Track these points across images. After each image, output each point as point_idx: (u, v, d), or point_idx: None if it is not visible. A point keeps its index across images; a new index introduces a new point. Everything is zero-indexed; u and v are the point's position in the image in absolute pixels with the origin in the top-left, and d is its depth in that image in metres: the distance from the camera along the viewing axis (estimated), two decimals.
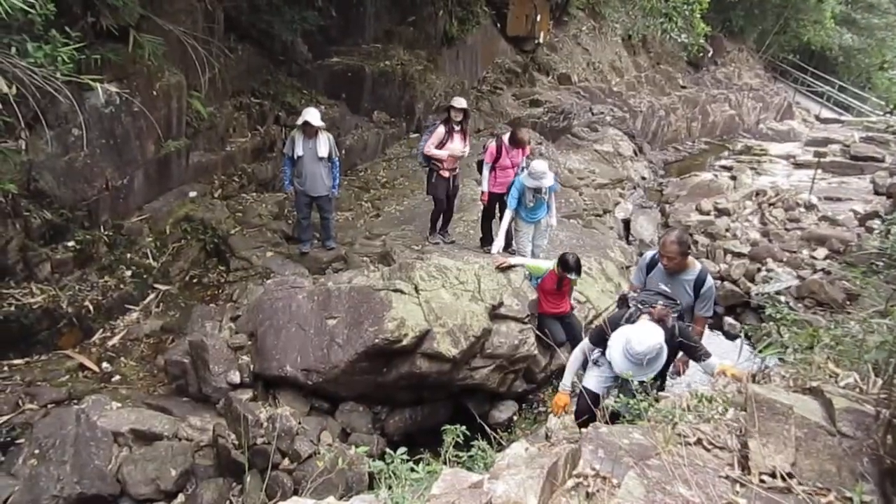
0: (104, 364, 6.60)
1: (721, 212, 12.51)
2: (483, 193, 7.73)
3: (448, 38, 14.37)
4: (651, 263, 4.89)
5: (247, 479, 5.12)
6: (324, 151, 7.63)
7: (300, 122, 7.50)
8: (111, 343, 6.88)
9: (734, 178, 15.51)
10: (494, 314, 6.40)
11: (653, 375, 3.55)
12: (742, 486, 2.02)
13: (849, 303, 8.47)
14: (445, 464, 3.20)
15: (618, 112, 17.67)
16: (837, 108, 28.47)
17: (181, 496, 5.27)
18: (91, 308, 6.87)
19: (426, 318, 5.98)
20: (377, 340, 5.70)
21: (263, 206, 9.23)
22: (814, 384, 2.54)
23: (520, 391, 6.75)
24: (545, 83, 17.49)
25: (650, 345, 3.70)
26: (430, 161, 7.79)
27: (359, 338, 5.79)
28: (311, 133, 7.52)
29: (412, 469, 3.12)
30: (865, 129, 20.76)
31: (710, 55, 25.28)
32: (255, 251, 8.20)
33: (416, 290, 6.23)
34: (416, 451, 3.81)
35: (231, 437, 5.41)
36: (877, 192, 13.63)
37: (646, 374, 3.51)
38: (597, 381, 4.37)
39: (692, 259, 4.78)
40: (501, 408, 6.59)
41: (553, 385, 6.58)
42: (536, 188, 6.97)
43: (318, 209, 8.06)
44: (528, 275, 6.87)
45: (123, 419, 5.55)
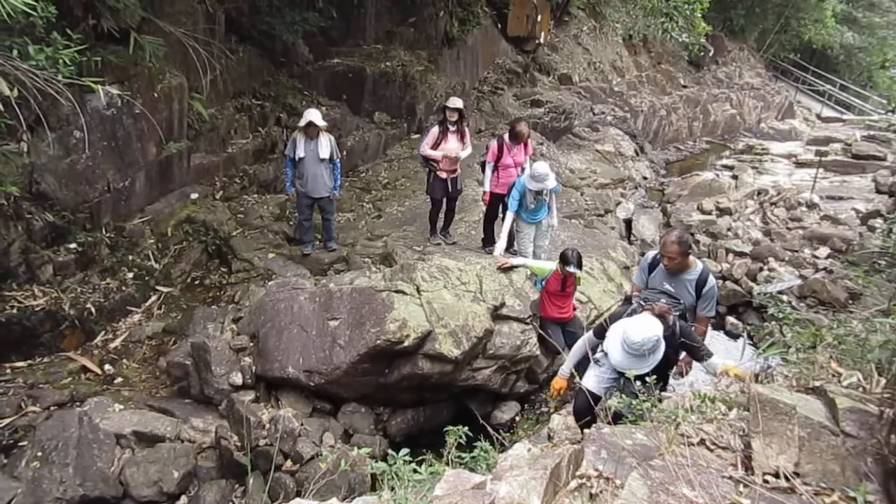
0: (106, 366, 6.60)
1: (723, 211, 12.50)
2: (485, 193, 7.71)
3: (449, 39, 14.37)
4: (653, 263, 4.90)
5: (249, 481, 5.12)
6: (325, 153, 7.63)
7: (302, 124, 7.50)
8: (113, 345, 6.88)
9: (736, 178, 15.50)
10: (496, 315, 6.40)
11: (649, 369, 3.53)
12: (745, 487, 2.02)
13: (851, 302, 8.45)
14: (448, 465, 3.20)
15: (619, 112, 17.67)
16: (839, 107, 28.44)
17: (184, 498, 5.27)
18: (93, 310, 6.87)
19: (428, 319, 5.97)
20: (379, 341, 5.70)
21: (265, 208, 9.23)
22: (817, 384, 2.53)
23: (522, 392, 6.75)
24: (546, 83, 17.47)
25: (647, 335, 3.69)
26: (428, 162, 7.79)
27: (361, 339, 5.78)
28: (313, 134, 7.53)
29: (415, 470, 3.12)
30: (867, 128, 20.77)
31: (711, 54, 25.25)
32: (257, 253, 8.20)
33: (418, 291, 6.23)
34: (419, 452, 3.81)
35: (233, 439, 5.42)
36: (878, 191, 13.62)
37: (643, 368, 3.50)
38: (596, 382, 4.37)
39: (693, 259, 4.80)
40: (504, 408, 6.58)
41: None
42: (539, 190, 6.93)
43: (320, 210, 8.06)
44: (533, 278, 6.86)
45: (126, 421, 5.55)
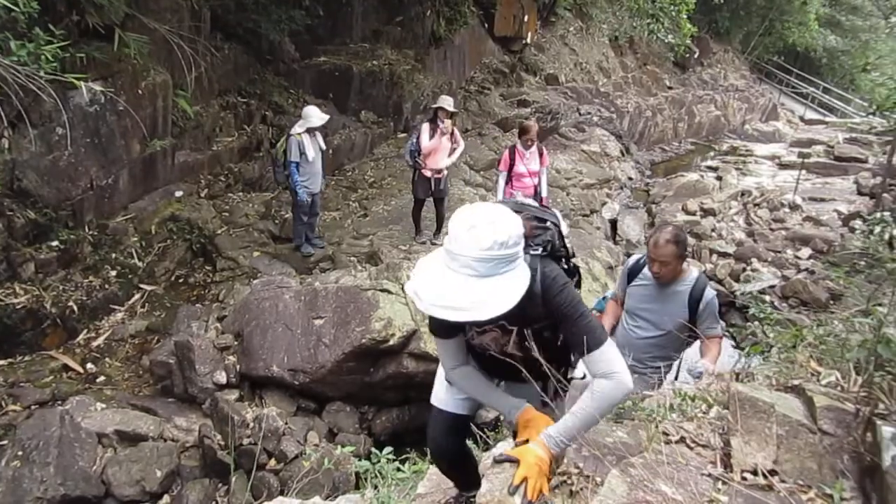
0: (89, 365, 6.54)
1: (707, 212, 12.60)
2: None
3: (436, 38, 14.38)
4: (634, 269, 3.95)
5: (233, 480, 5.10)
6: (323, 145, 7.86)
7: (318, 124, 7.51)
8: (96, 343, 6.82)
9: (720, 179, 15.63)
10: None
11: None
12: (724, 484, 2.04)
13: (832, 302, 8.55)
14: (431, 463, 3.21)
15: (605, 112, 17.74)
16: (822, 110, 28.76)
17: (166, 497, 5.24)
18: (75, 308, 6.81)
19: (413, 318, 5.98)
20: (364, 340, 5.70)
21: (250, 206, 9.19)
22: (796, 382, 2.56)
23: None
24: (533, 83, 17.53)
25: None
26: (415, 160, 7.78)
27: (346, 338, 5.78)
28: (313, 131, 7.58)
29: (398, 468, 3.13)
30: (849, 131, 20.99)
31: (697, 56, 25.45)
32: (242, 251, 8.17)
33: (403, 290, 6.23)
34: (403, 451, 3.82)
35: (217, 438, 5.39)
36: (860, 193, 13.78)
37: None
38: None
39: (687, 265, 3.80)
40: (488, 407, 6.59)
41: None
42: None
43: (311, 205, 8.08)
44: None
45: (108, 420, 5.51)
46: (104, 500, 5.09)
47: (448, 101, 7.77)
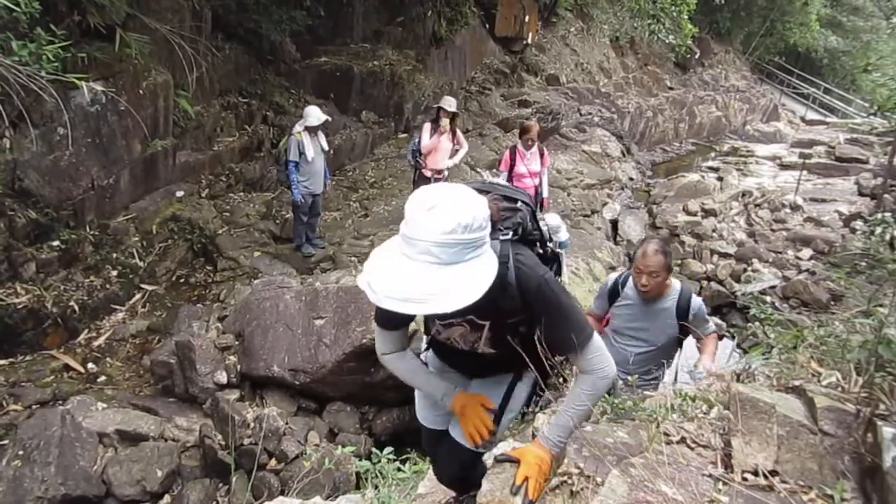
0: (89, 364, 6.55)
1: (708, 212, 12.59)
2: None
3: (437, 39, 14.38)
4: (615, 290, 3.85)
5: (233, 480, 5.10)
6: (325, 145, 7.84)
7: (315, 123, 7.49)
8: (97, 343, 6.83)
9: (721, 179, 15.62)
10: None
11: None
12: (724, 484, 2.03)
13: (833, 303, 8.54)
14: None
15: (606, 113, 17.75)
16: (823, 110, 28.77)
17: (167, 497, 5.24)
18: (76, 308, 6.81)
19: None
20: (365, 340, 5.70)
21: (251, 206, 9.20)
22: (797, 383, 2.56)
23: None
24: (533, 84, 17.53)
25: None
26: (416, 159, 7.80)
27: (346, 338, 5.78)
28: (314, 131, 7.58)
29: (399, 468, 3.13)
30: (850, 131, 20.98)
31: (698, 57, 25.44)
32: (243, 251, 8.17)
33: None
34: (403, 451, 3.81)
35: (218, 438, 5.40)
36: (861, 194, 13.78)
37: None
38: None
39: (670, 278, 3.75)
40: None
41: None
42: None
43: (312, 206, 8.08)
44: None
45: (109, 420, 5.51)
46: (105, 500, 5.09)
47: (449, 102, 7.78)
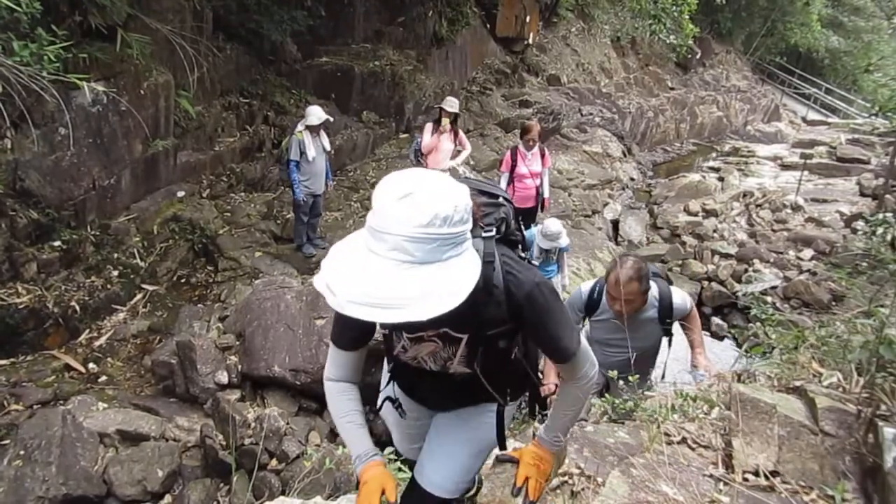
0: (90, 364, 6.55)
1: (709, 213, 12.58)
2: None
3: (438, 39, 14.38)
4: (591, 304, 3.70)
5: (234, 480, 5.10)
6: (327, 144, 7.83)
7: (315, 122, 7.48)
8: (98, 343, 6.83)
9: (722, 180, 15.62)
10: None
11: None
12: (725, 485, 2.04)
13: (834, 303, 8.54)
14: None
15: (607, 113, 17.74)
16: (824, 110, 28.74)
17: (168, 497, 5.24)
18: (77, 308, 6.82)
19: None
20: None
21: (252, 206, 9.20)
22: (798, 384, 2.56)
23: None
24: (534, 84, 17.53)
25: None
26: (418, 159, 7.81)
27: None
28: (316, 131, 7.57)
29: (399, 469, 3.12)
30: (851, 131, 20.97)
31: (699, 57, 25.43)
32: (244, 251, 8.17)
33: None
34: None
35: (218, 438, 5.39)
36: (862, 194, 13.76)
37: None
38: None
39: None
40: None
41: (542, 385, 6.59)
42: (549, 249, 6.24)
43: (313, 206, 8.08)
44: None
45: (110, 420, 5.52)
46: (106, 500, 5.09)
47: (451, 102, 7.79)
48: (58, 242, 6.94)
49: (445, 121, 7.64)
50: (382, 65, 12.50)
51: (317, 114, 7.52)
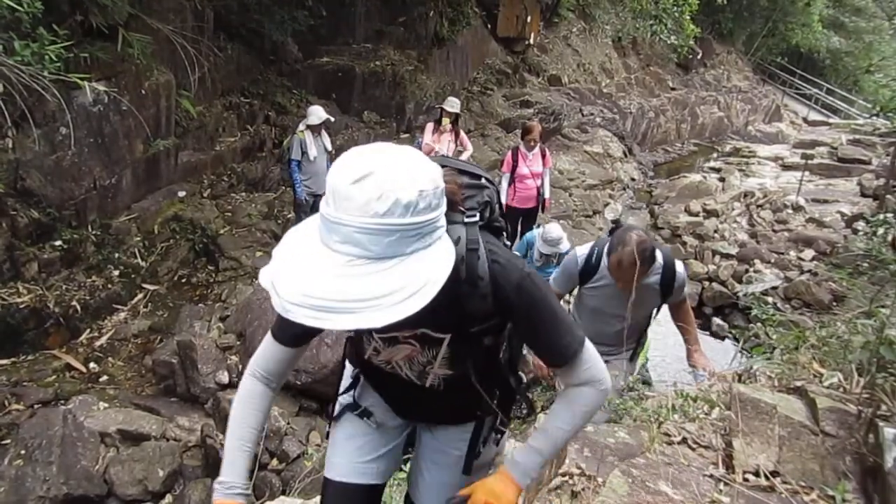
0: (91, 364, 6.56)
1: (709, 213, 12.57)
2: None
3: (438, 39, 14.38)
4: (588, 270, 3.52)
5: None
6: (329, 144, 7.83)
7: (315, 122, 7.49)
8: (98, 343, 6.84)
9: (723, 180, 15.60)
10: None
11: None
12: (726, 485, 2.04)
13: (835, 304, 8.53)
14: None
15: (608, 113, 17.74)
16: (825, 111, 28.71)
17: (169, 496, 5.25)
18: (78, 308, 6.82)
19: None
20: None
21: (253, 206, 9.20)
22: (798, 384, 2.56)
23: None
24: (535, 84, 17.53)
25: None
26: None
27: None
28: (317, 131, 7.59)
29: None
30: (852, 132, 20.93)
31: (700, 57, 25.41)
32: (245, 251, 8.17)
33: None
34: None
35: (219, 438, 5.39)
36: (863, 194, 13.74)
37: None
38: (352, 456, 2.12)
39: None
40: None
41: (542, 385, 6.59)
42: (550, 254, 6.07)
43: (314, 206, 8.10)
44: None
45: (111, 419, 5.52)
46: (106, 500, 5.10)
47: (452, 103, 7.80)
48: (59, 242, 6.95)
49: (446, 121, 7.65)
50: (383, 65, 12.51)
51: (317, 113, 7.53)
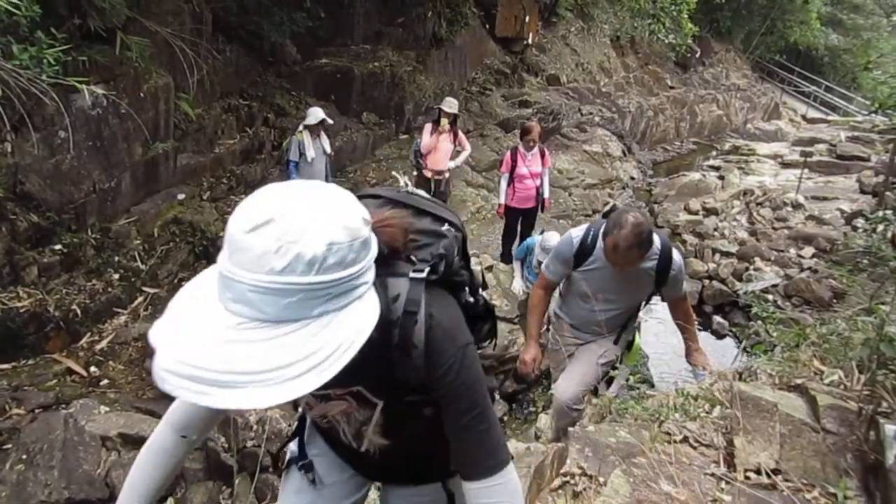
0: (92, 368, 6.55)
1: (709, 211, 12.59)
2: (499, 206, 7.64)
3: (437, 39, 14.38)
4: (583, 252, 3.40)
5: (236, 483, 5.10)
6: (328, 147, 7.86)
7: (313, 122, 7.50)
8: (99, 347, 6.83)
9: (722, 178, 15.61)
10: None
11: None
12: (727, 483, 2.04)
13: (835, 301, 8.54)
14: None
15: (606, 112, 17.75)
16: (824, 108, 28.72)
17: (170, 500, 5.23)
18: (78, 311, 6.81)
19: None
20: None
21: None
22: (799, 381, 2.56)
23: (510, 391, 6.77)
24: (534, 84, 17.53)
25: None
26: (417, 160, 7.83)
27: None
28: (317, 132, 7.59)
29: None
30: (851, 129, 20.94)
31: (698, 56, 25.42)
32: None
33: None
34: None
35: (220, 441, 5.39)
36: (863, 191, 13.75)
37: None
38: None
39: None
40: None
41: (543, 385, 6.60)
42: None
43: None
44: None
45: (112, 423, 5.51)
46: (108, 503, 5.10)
47: (450, 103, 7.79)
48: (58, 246, 6.94)
49: (444, 121, 7.65)
50: (382, 66, 12.50)
51: (315, 114, 7.55)
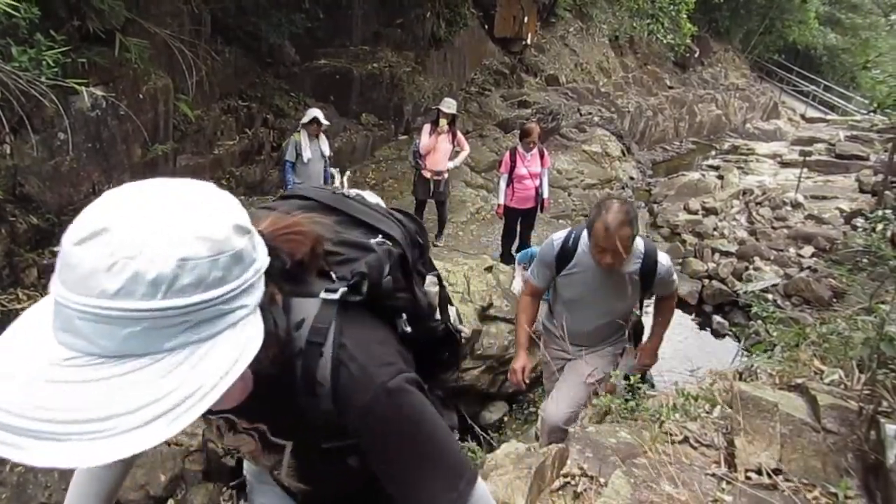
0: None
1: (709, 211, 12.59)
2: (498, 206, 7.65)
3: (436, 40, 14.38)
4: (564, 256, 3.22)
5: (236, 484, 5.10)
6: (327, 150, 7.83)
7: (306, 120, 7.52)
8: None
9: (721, 178, 15.61)
10: (484, 315, 6.41)
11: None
12: (728, 484, 2.04)
13: (835, 300, 8.54)
14: None
15: (605, 112, 17.75)
16: (823, 108, 28.74)
17: (171, 501, 5.24)
18: None
19: None
20: None
21: (251, 210, 9.19)
22: (799, 381, 2.57)
23: (510, 392, 6.76)
24: (533, 84, 17.54)
25: None
26: (416, 160, 7.84)
27: None
28: (315, 133, 7.58)
29: None
30: (850, 128, 20.95)
31: (697, 55, 25.43)
32: None
33: None
34: None
35: (220, 442, 5.39)
36: (862, 191, 13.76)
37: None
38: None
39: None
40: (492, 409, 6.59)
41: (543, 386, 6.60)
42: None
43: None
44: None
45: None
46: None
47: (448, 104, 7.80)
48: (58, 248, 6.92)
49: (443, 122, 7.65)
50: (381, 66, 12.51)
51: (311, 113, 7.55)
